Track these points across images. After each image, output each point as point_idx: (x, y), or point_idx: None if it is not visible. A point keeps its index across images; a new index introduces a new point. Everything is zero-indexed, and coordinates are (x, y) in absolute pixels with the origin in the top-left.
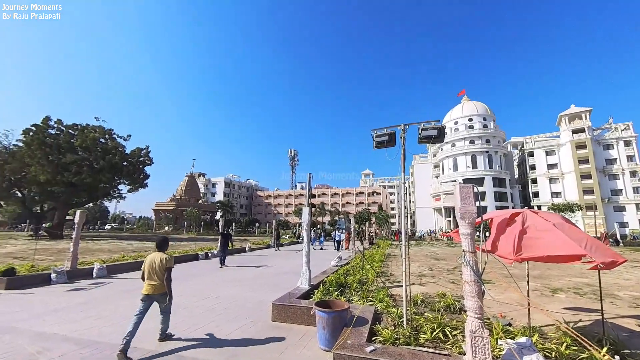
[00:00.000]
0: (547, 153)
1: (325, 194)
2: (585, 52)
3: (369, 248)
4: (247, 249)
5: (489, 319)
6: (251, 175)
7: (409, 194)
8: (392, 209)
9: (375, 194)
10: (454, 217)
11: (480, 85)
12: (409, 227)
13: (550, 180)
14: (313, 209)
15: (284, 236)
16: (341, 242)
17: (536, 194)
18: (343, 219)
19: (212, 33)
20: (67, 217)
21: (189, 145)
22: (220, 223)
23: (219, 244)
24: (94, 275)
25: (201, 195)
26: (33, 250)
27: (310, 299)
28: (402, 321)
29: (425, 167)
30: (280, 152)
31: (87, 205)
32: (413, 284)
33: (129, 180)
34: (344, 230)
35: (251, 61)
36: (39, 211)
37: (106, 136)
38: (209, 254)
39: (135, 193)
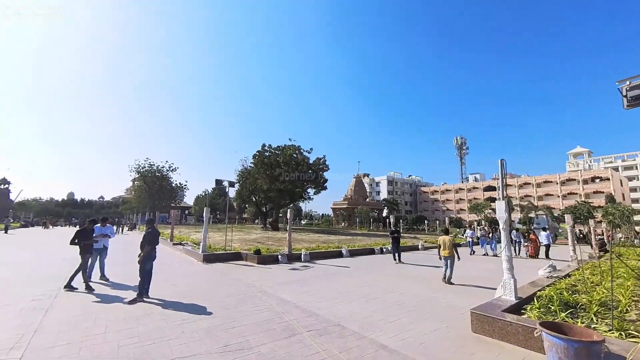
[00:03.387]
0: None
1: (510, 185)
2: None
3: (600, 256)
4: (420, 247)
5: None
6: (412, 171)
7: None
8: (636, 200)
9: (597, 180)
10: None
11: None
12: None
13: None
14: (494, 204)
15: (459, 235)
16: (542, 247)
17: None
18: (544, 216)
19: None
20: (279, 215)
21: (353, 148)
22: (391, 221)
23: (391, 240)
24: (302, 260)
25: (367, 194)
26: (266, 238)
27: (523, 315)
28: None
29: None
30: (443, 142)
31: (290, 206)
32: None
33: (313, 185)
34: (547, 230)
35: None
36: (264, 210)
37: (297, 152)
38: (384, 249)
39: (318, 195)
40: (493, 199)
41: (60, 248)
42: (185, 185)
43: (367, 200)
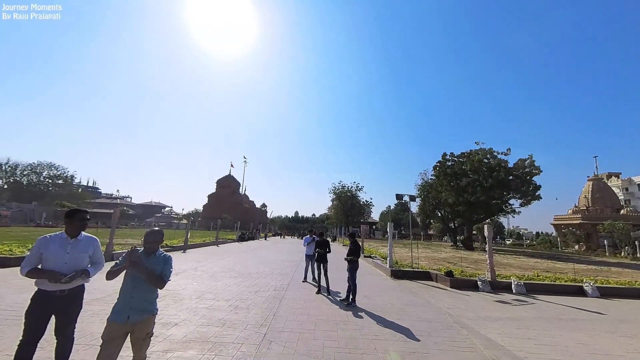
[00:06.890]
0: None
1: None
2: None
3: None
4: None
5: None
6: None
7: None
8: None
9: None
10: None
11: None
12: None
13: None
14: None
15: None
16: None
17: None
18: None
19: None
20: (473, 232)
21: (582, 140)
22: None
23: None
24: (513, 291)
25: (620, 202)
26: (457, 258)
27: None
28: None
29: None
30: None
31: (486, 221)
32: None
33: (518, 194)
34: None
35: None
36: (453, 226)
37: (488, 155)
38: None
39: (527, 207)
40: None
41: (290, 253)
42: (371, 201)
43: (623, 212)
